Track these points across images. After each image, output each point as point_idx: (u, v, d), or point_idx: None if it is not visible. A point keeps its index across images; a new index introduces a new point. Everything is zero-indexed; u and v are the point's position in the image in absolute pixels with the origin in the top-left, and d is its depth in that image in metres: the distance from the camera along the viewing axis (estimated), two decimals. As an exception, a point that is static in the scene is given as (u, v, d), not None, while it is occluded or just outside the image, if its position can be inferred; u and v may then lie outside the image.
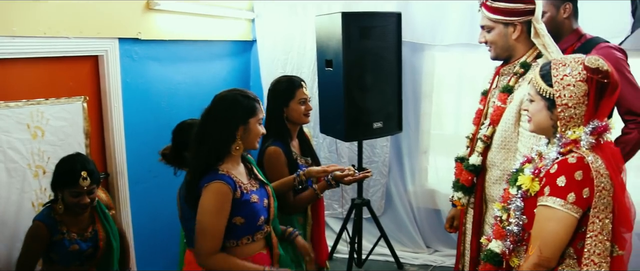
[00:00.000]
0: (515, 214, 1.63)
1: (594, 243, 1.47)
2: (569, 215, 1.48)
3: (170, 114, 3.00)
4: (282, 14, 3.85)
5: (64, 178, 2.09)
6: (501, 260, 1.72)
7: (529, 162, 1.71)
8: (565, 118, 1.54)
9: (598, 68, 1.49)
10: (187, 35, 3.16)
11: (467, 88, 3.75)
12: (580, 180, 1.47)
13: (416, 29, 3.64)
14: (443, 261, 3.73)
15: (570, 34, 2.53)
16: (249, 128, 1.88)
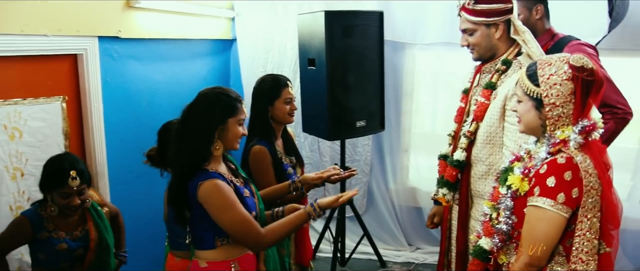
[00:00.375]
0: (505, 213, 1.65)
1: (583, 242, 1.50)
2: (559, 215, 1.51)
3: (151, 114, 2.95)
4: (263, 13, 3.83)
5: (52, 179, 2.03)
6: (490, 256, 1.75)
7: (518, 161, 1.74)
8: (554, 117, 1.56)
9: (583, 67, 1.52)
10: (167, 34, 3.10)
11: (447, 86, 3.80)
12: (569, 180, 1.49)
13: (397, 27, 3.66)
14: (425, 259, 3.76)
15: (543, 33, 2.65)
16: (227, 128, 1.84)
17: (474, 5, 2.10)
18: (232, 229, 1.78)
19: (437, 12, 3.54)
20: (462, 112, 2.34)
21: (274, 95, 2.43)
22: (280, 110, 2.43)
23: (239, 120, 1.88)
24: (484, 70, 2.25)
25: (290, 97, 2.45)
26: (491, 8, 2.09)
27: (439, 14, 3.54)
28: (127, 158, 2.75)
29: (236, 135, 1.88)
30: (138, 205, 2.86)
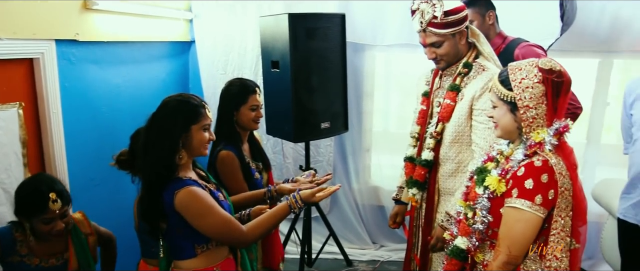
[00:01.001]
0: (482, 213, 1.70)
1: (557, 240, 1.58)
2: (536, 216, 1.57)
3: (111, 119, 2.86)
4: (221, 14, 3.78)
5: (29, 205, 1.87)
6: (466, 255, 1.80)
7: (491, 161, 1.80)
8: (528, 119, 1.63)
9: (551, 69, 1.60)
10: (125, 37, 3.02)
11: (406, 87, 3.88)
12: (546, 182, 1.56)
13: (357, 29, 3.70)
14: (390, 256, 3.83)
15: (495, 37, 2.79)
16: (191, 135, 1.81)
17: (444, 18, 2.13)
18: (215, 232, 1.76)
19: (396, 14, 3.61)
20: (424, 114, 2.41)
21: (241, 100, 2.41)
22: (245, 116, 2.41)
23: (203, 126, 1.84)
24: (446, 73, 2.32)
25: (257, 104, 2.43)
26: (458, 17, 2.16)
27: (398, 16, 3.61)
28: (89, 165, 2.66)
29: (201, 141, 1.84)
30: (101, 213, 2.73)
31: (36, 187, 1.90)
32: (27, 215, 1.90)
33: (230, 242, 1.83)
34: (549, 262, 1.59)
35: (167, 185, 1.74)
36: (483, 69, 2.25)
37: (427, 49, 2.25)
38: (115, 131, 2.88)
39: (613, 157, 3.34)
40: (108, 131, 2.84)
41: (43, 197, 1.87)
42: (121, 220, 2.91)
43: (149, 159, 1.77)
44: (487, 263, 1.73)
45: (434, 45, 2.22)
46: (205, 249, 1.82)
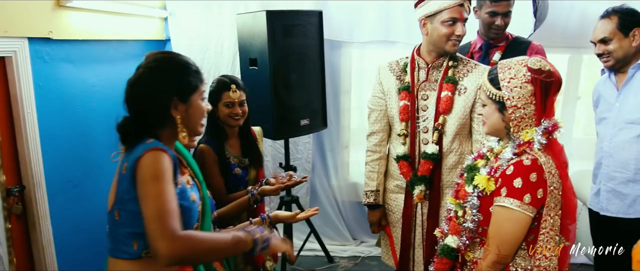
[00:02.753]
0: (472, 212, 1.70)
1: (546, 239, 1.58)
2: (525, 215, 1.57)
3: (87, 119, 2.80)
4: (197, 13, 3.74)
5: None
6: (457, 254, 1.80)
7: (481, 158, 1.80)
8: (517, 118, 1.62)
9: (541, 69, 1.59)
10: (100, 35, 2.96)
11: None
12: (534, 181, 1.56)
13: (334, 26, 3.71)
14: (370, 252, 3.86)
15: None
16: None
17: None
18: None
19: (372, 12, 3.64)
20: (407, 110, 2.37)
21: (216, 97, 2.42)
22: (221, 112, 2.43)
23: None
24: (434, 66, 2.33)
25: (231, 101, 2.41)
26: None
27: (374, 14, 3.64)
28: (65, 166, 2.60)
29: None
30: (78, 215, 2.71)
31: None
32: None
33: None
34: (539, 261, 1.59)
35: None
36: (475, 64, 2.33)
37: (459, 25, 2.22)
38: (91, 131, 2.83)
39: (584, 150, 3.43)
40: (84, 131, 2.78)
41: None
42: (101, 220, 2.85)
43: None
44: (477, 261, 1.73)
45: (466, 21, 2.26)
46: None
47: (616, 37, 2.32)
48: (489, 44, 2.88)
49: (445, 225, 1.88)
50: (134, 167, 1.40)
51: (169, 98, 1.50)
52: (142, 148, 1.43)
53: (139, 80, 1.53)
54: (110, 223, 1.50)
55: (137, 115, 1.53)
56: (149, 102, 1.50)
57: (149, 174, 1.38)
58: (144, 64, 1.55)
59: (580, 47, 3.46)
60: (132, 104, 1.54)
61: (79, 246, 2.70)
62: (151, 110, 1.51)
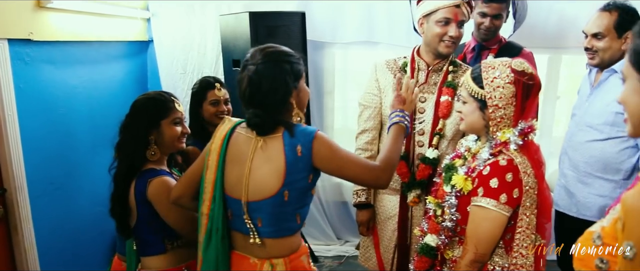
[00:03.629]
0: (450, 211, 1.72)
1: (522, 237, 1.61)
2: (501, 215, 1.59)
3: (69, 120, 2.79)
4: (180, 13, 3.73)
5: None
6: (436, 252, 1.83)
7: (459, 158, 1.83)
8: (497, 118, 1.64)
9: (524, 71, 1.62)
10: (81, 36, 2.94)
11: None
12: (510, 181, 1.58)
13: (317, 27, 3.73)
14: (355, 251, 3.88)
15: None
16: (162, 131, 1.84)
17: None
18: (181, 226, 1.75)
19: (355, 13, 3.67)
20: None
21: (201, 97, 2.46)
22: (207, 111, 2.46)
23: (174, 120, 1.87)
24: (434, 69, 2.31)
25: (217, 99, 2.46)
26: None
27: (357, 15, 3.67)
28: (47, 169, 2.58)
29: (173, 135, 1.87)
30: (61, 218, 2.69)
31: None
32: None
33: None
34: (515, 259, 1.62)
35: (140, 175, 1.76)
36: (466, 68, 2.33)
37: (453, 26, 2.18)
38: (73, 132, 2.82)
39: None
40: (66, 133, 2.77)
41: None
42: (84, 222, 2.85)
43: (119, 157, 1.80)
44: (456, 259, 1.75)
45: (461, 23, 2.22)
46: (175, 246, 1.82)
47: (610, 35, 2.24)
48: (482, 46, 2.89)
49: (425, 223, 1.90)
50: (311, 145, 1.57)
51: (291, 86, 1.63)
52: (305, 130, 1.61)
53: (263, 75, 1.60)
54: (274, 206, 1.61)
55: (267, 107, 1.62)
56: (275, 93, 1.60)
57: (333, 147, 1.61)
58: (258, 60, 1.62)
59: (559, 48, 3.53)
60: (259, 98, 1.62)
61: (62, 248, 2.69)
62: (280, 100, 1.62)
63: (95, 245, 2.94)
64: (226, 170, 1.65)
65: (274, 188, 1.59)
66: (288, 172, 1.58)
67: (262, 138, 1.63)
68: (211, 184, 1.65)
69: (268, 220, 1.63)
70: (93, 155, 2.95)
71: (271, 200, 1.60)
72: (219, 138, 1.68)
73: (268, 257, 1.65)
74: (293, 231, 1.69)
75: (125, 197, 1.77)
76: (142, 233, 1.81)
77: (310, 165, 1.58)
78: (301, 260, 1.72)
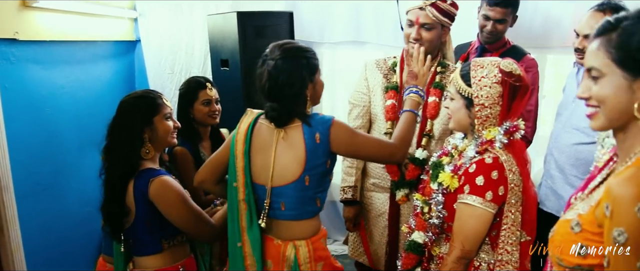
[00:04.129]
0: (437, 208, 1.75)
1: (507, 234, 1.64)
2: (487, 212, 1.62)
3: (55, 121, 2.77)
4: (167, 13, 3.71)
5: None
6: (423, 249, 1.84)
7: (446, 155, 1.84)
8: (483, 117, 1.66)
9: (511, 72, 1.63)
10: (68, 36, 2.92)
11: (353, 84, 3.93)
12: (496, 179, 1.60)
13: (305, 27, 3.74)
14: (343, 250, 3.89)
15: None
16: (155, 127, 1.85)
17: (448, 6, 2.24)
18: (188, 224, 1.78)
19: (343, 13, 3.68)
20: (394, 109, 2.37)
21: (192, 97, 2.45)
22: (199, 111, 2.45)
23: (165, 115, 1.89)
24: None
25: (209, 98, 2.46)
26: (451, 11, 2.27)
27: (345, 14, 3.68)
28: (34, 169, 2.56)
29: (167, 130, 1.89)
30: (48, 219, 2.67)
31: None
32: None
33: (200, 235, 1.84)
34: (501, 255, 1.64)
35: (139, 175, 1.78)
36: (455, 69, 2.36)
37: (414, 28, 2.24)
38: (60, 133, 2.80)
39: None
40: (53, 133, 2.75)
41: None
42: (72, 222, 2.84)
43: (112, 159, 1.79)
44: (443, 256, 1.77)
45: (424, 26, 2.24)
46: (171, 244, 1.84)
47: None
48: (484, 48, 2.88)
49: (413, 220, 1.92)
50: (329, 132, 1.71)
51: (307, 80, 1.75)
52: (322, 119, 1.74)
53: (281, 69, 1.73)
54: (296, 190, 1.74)
55: (285, 100, 1.74)
56: (291, 87, 1.73)
57: (349, 131, 1.76)
58: (276, 56, 1.76)
59: (545, 47, 3.56)
60: (276, 91, 1.75)
61: (49, 249, 2.67)
62: (296, 92, 1.74)
63: (83, 246, 2.92)
64: (251, 159, 1.79)
65: (296, 173, 1.72)
66: (308, 159, 1.71)
67: (283, 128, 1.76)
68: (242, 171, 1.77)
69: (291, 203, 1.76)
70: (80, 156, 2.93)
71: (293, 185, 1.73)
72: (243, 129, 1.81)
73: (291, 239, 1.79)
74: (313, 214, 1.82)
75: (122, 198, 1.77)
76: (139, 233, 1.81)
77: (328, 150, 1.73)
78: (321, 242, 1.87)
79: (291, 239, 1.79)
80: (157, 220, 1.77)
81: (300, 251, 1.78)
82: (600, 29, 1.14)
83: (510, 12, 2.74)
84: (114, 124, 1.85)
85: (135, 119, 1.82)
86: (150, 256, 1.82)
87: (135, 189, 1.75)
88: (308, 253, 1.79)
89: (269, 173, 1.76)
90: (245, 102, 3.06)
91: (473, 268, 1.72)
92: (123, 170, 1.77)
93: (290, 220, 1.79)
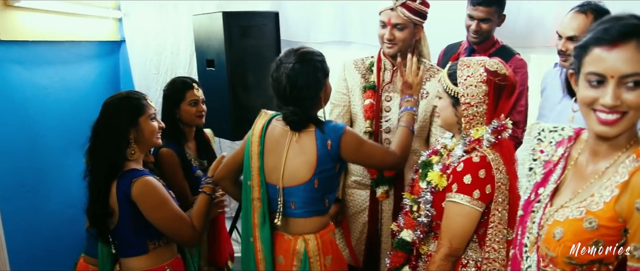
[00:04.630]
0: (425, 207, 1.76)
1: (494, 232, 1.65)
2: (474, 210, 1.64)
3: (40, 122, 2.75)
4: (152, 13, 3.69)
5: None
6: (412, 247, 1.86)
7: (435, 154, 1.86)
8: (469, 116, 1.68)
9: (496, 72, 1.65)
10: (51, 36, 2.90)
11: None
12: (483, 178, 1.62)
13: (291, 27, 3.73)
14: (329, 249, 3.91)
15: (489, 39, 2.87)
16: (141, 127, 1.86)
17: (419, 5, 2.25)
18: (168, 226, 1.78)
19: (329, 13, 3.68)
20: (372, 109, 2.41)
21: (179, 97, 2.44)
22: (186, 112, 2.44)
23: (150, 116, 1.90)
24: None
25: (196, 99, 2.46)
26: (423, 10, 2.29)
27: (330, 14, 3.68)
28: (18, 171, 2.54)
29: (152, 130, 1.90)
30: (32, 221, 2.65)
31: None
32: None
33: (181, 238, 1.85)
34: (488, 253, 1.66)
35: (122, 175, 1.78)
36: (438, 69, 2.39)
37: (387, 29, 2.27)
38: (45, 134, 2.78)
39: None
40: (37, 134, 2.73)
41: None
42: (56, 224, 2.81)
43: (97, 160, 1.78)
44: (431, 254, 1.79)
45: (397, 26, 2.27)
46: (157, 245, 1.83)
47: None
48: (473, 49, 2.88)
49: (402, 219, 1.94)
50: (340, 140, 1.80)
51: (322, 83, 1.87)
52: (334, 127, 1.83)
53: (299, 72, 1.81)
54: (306, 191, 1.84)
55: (301, 102, 1.84)
56: (309, 89, 1.83)
57: (359, 140, 1.87)
58: (293, 60, 1.82)
59: (527, 47, 3.60)
60: (296, 93, 1.82)
61: (34, 251, 2.64)
62: (313, 95, 1.85)
63: (67, 247, 2.89)
64: (265, 159, 1.87)
65: (307, 176, 1.82)
66: (319, 163, 1.81)
67: (297, 132, 1.83)
68: (257, 171, 1.86)
69: (300, 203, 1.86)
70: (65, 157, 2.90)
71: (303, 186, 1.83)
72: (258, 130, 1.90)
73: (301, 233, 1.89)
74: (322, 212, 1.93)
75: (106, 199, 1.76)
76: (123, 234, 1.80)
77: (338, 157, 1.83)
78: (329, 235, 1.97)
79: (301, 234, 1.89)
80: (140, 221, 1.76)
81: (309, 244, 1.88)
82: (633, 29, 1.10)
83: (494, 11, 2.74)
84: (99, 125, 1.84)
85: (121, 119, 1.82)
86: (136, 257, 1.81)
87: (118, 190, 1.74)
88: (317, 246, 1.90)
89: (280, 174, 1.84)
90: (232, 102, 3.06)
91: (461, 266, 1.74)
92: (108, 171, 1.76)
93: (300, 218, 1.89)
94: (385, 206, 2.45)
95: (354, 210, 2.52)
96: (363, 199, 2.49)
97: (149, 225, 1.77)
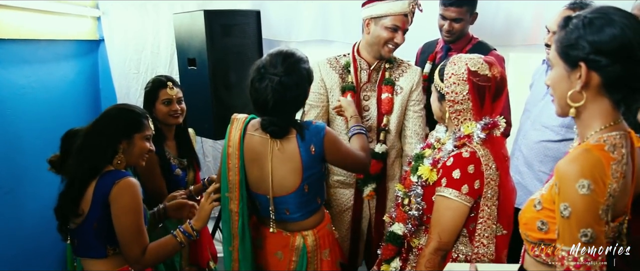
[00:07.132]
0: (416, 200, 1.78)
1: (483, 227, 1.68)
2: (463, 205, 1.66)
3: (17, 122, 2.70)
4: (131, 12, 3.65)
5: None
6: (403, 240, 1.88)
7: (429, 147, 1.89)
8: (455, 112, 1.71)
9: (477, 72, 1.66)
10: (28, 34, 2.84)
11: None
12: (472, 173, 1.64)
13: (272, 26, 3.73)
14: (313, 248, 3.91)
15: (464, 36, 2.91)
16: (133, 143, 1.84)
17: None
18: (128, 234, 1.73)
19: (310, 12, 3.68)
20: None
21: (153, 96, 2.43)
22: (160, 111, 2.43)
23: (146, 136, 1.88)
24: (374, 68, 2.41)
25: (169, 98, 2.44)
26: None
27: (312, 13, 3.68)
28: (-5, 173, 2.49)
29: (142, 150, 1.88)
30: (11, 224, 2.60)
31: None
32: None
33: (129, 252, 1.75)
34: (477, 248, 1.69)
35: (103, 175, 1.75)
36: (408, 64, 2.42)
37: (399, 33, 2.28)
38: (22, 135, 2.73)
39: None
40: (15, 135, 2.67)
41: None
42: (36, 227, 2.76)
43: (81, 157, 1.75)
44: (422, 247, 1.80)
45: (405, 31, 2.31)
46: (116, 252, 1.81)
47: None
48: (449, 47, 2.91)
49: (394, 211, 1.96)
50: (323, 143, 1.82)
51: (308, 90, 1.89)
52: (315, 130, 1.83)
53: (287, 86, 1.78)
54: (297, 197, 1.88)
55: (287, 113, 1.86)
56: (296, 100, 1.84)
57: (338, 141, 1.89)
58: (280, 72, 1.78)
59: (507, 46, 3.64)
60: (281, 106, 1.81)
61: (14, 254, 2.59)
62: (300, 104, 1.89)
63: (46, 250, 2.85)
64: (247, 170, 1.86)
65: (296, 183, 1.84)
66: (305, 169, 1.82)
67: (278, 140, 1.82)
68: (236, 185, 1.84)
69: (294, 208, 1.90)
70: (43, 158, 2.82)
71: (294, 194, 1.86)
72: (236, 141, 1.86)
73: (299, 230, 1.95)
74: (316, 210, 1.99)
75: (79, 197, 1.73)
76: (85, 235, 1.77)
77: (323, 158, 1.86)
78: (326, 228, 2.04)
79: (299, 231, 1.95)
80: (105, 225, 1.74)
81: (308, 240, 1.94)
82: (560, 24, 1.24)
83: (466, 11, 2.77)
84: (94, 126, 1.82)
85: (117, 127, 1.82)
86: (94, 260, 1.79)
87: (96, 189, 1.72)
88: (315, 241, 1.96)
89: (268, 185, 1.84)
90: (214, 101, 3.05)
91: (451, 260, 1.76)
92: (88, 172, 1.73)
93: (296, 221, 1.95)
94: (366, 204, 2.49)
95: (338, 208, 2.53)
96: (347, 198, 2.50)
97: (111, 230, 1.74)
